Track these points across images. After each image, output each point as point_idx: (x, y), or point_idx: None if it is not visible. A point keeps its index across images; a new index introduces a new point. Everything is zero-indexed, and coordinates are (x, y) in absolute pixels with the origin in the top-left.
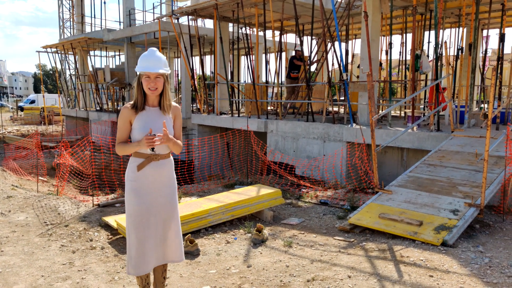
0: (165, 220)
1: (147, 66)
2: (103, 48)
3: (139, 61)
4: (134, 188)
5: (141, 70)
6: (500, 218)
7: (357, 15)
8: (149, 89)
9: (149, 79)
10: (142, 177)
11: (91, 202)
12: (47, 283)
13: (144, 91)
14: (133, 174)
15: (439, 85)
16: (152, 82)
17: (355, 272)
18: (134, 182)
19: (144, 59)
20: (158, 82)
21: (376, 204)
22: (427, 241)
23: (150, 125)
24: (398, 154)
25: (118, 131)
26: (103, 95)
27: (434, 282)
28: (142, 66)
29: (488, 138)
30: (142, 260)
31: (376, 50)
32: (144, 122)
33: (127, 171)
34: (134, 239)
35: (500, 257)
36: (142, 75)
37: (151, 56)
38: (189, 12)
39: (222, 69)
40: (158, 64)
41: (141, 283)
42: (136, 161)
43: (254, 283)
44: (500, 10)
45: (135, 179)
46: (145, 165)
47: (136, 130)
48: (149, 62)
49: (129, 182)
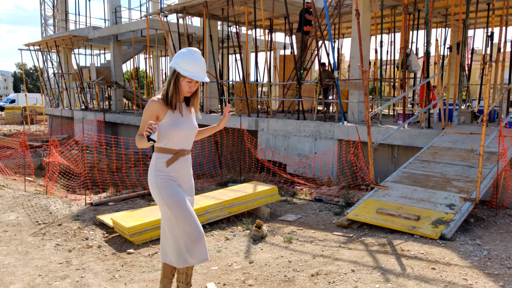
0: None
1: (194, 72)
2: (88, 46)
3: (182, 63)
4: (168, 181)
5: (187, 75)
6: (493, 212)
7: (346, 14)
8: (188, 92)
9: (191, 83)
10: (172, 172)
11: (83, 201)
12: (45, 282)
13: (178, 89)
14: (164, 169)
15: (430, 83)
16: (193, 86)
17: (358, 266)
18: (166, 176)
19: (189, 62)
20: (197, 85)
21: (373, 200)
22: (426, 235)
23: (179, 121)
24: (388, 151)
25: (142, 122)
26: (88, 93)
27: (437, 275)
28: (188, 71)
29: (483, 133)
30: (200, 246)
31: (367, 49)
32: (175, 118)
33: (154, 169)
34: (182, 227)
35: (498, 249)
36: (182, 75)
37: (197, 61)
38: (178, 9)
39: (211, 68)
40: (203, 71)
41: (185, 279)
42: (165, 157)
43: (258, 278)
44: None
45: (167, 173)
46: (174, 161)
47: (166, 126)
48: (195, 68)
49: (160, 178)
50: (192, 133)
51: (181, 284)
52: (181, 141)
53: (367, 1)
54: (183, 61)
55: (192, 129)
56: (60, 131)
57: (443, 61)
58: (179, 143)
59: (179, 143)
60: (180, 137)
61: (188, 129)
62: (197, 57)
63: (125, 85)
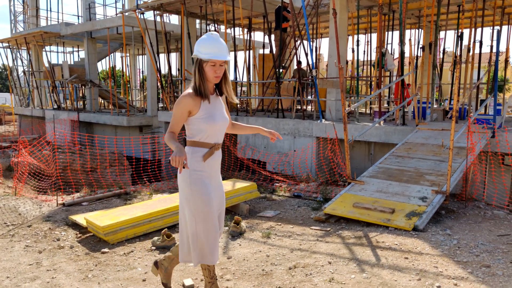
0: (219, 208)
1: (214, 53)
2: (60, 44)
3: (201, 47)
4: (201, 178)
5: (207, 58)
6: (463, 204)
7: (324, 14)
8: (214, 77)
9: (215, 67)
10: (207, 166)
11: (55, 202)
12: (13, 284)
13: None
14: (199, 164)
15: (404, 81)
16: (218, 69)
17: (335, 258)
18: (201, 172)
19: (208, 45)
20: (222, 69)
21: (349, 194)
22: (400, 227)
23: (214, 113)
24: (365, 148)
25: (174, 118)
26: (61, 92)
27: (410, 263)
28: (208, 53)
29: (453, 128)
30: (214, 249)
31: (344, 48)
32: (209, 111)
33: (191, 161)
34: (206, 228)
35: (467, 238)
36: (205, 62)
37: (216, 42)
38: (155, 6)
39: (190, 66)
40: (224, 50)
41: (208, 274)
42: (200, 151)
43: (236, 273)
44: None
45: (202, 170)
46: (210, 155)
47: (201, 120)
48: (215, 49)
49: (194, 173)
50: (225, 124)
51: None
52: (216, 134)
53: (344, 1)
54: (201, 46)
55: (224, 121)
56: (30, 131)
57: (417, 61)
58: (214, 137)
59: (214, 136)
60: (215, 130)
61: (222, 122)
62: (214, 38)
63: (101, 83)
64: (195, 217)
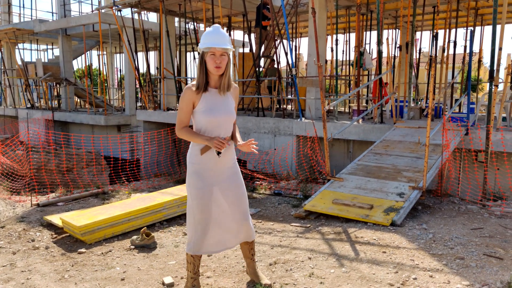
0: (232, 202)
1: (212, 41)
2: (34, 41)
3: (203, 38)
4: (197, 171)
5: (206, 46)
6: (438, 200)
7: (303, 13)
8: (214, 68)
9: (214, 57)
10: (206, 159)
11: (29, 202)
12: None
13: (206, 71)
14: (196, 158)
15: (382, 80)
16: (218, 59)
17: (315, 254)
18: (197, 165)
19: (208, 35)
20: (223, 60)
21: (329, 191)
22: (378, 222)
23: (214, 107)
24: (344, 146)
25: (180, 112)
26: (34, 91)
27: (388, 257)
28: (206, 42)
29: (428, 125)
30: (202, 242)
31: (323, 47)
32: (208, 104)
33: (190, 154)
34: (197, 220)
35: (442, 232)
36: (206, 53)
37: (216, 32)
38: (133, 4)
39: (169, 64)
40: (224, 39)
41: (192, 269)
42: (199, 145)
43: (216, 270)
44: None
45: (199, 162)
46: (208, 149)
47: (201, 113)
48: (214, 38)
49: (191, 165)
50: (228, 120)
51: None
52: (217, 129)
53: (323, 0)
54: (203, 37)
55: (227, 116)
56: (3, 131)
57: (394, 60)
58: (213, 131)
59: (214, 131)
60: (215, 125)
61: (223, 116)
62: (215, 29)
63: (76, 82)
64: (191, 208)
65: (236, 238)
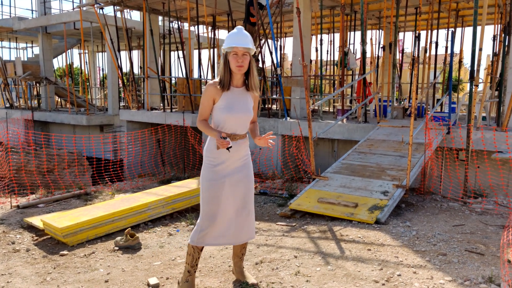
0: (240, 197)
1: (235, 41)
2: (13, 39)
3: (226, 39)
4: (211, 163)
5: (229, 46)
6: (421, 198)
7: (288, 13)
8: (236, 67)
9: (237, 56)
10: (220, 153)
11: (8, 204)
12: None
13: (230, 70)
14: (212, 151)
15: (366, 80)
16: (240, 58)
17: (301, 252)
18: (212, 158)
19: (231, 36)
20: (245, 60)
21: (314, 190)
22: (363, 220)
23: (233, 105)
24: (329, 145)
25: (201, 106)
26: (13, 90)
27: (373, 255)
28: (229, 42)
29: (411, 124)
30: (205, 233)
31: (308, 47)
32: (228, 102)
33: (207, 147)
34: (205, 211)
35: (425, 229)
36: (229, 52)
37: (239, 33)
38: (115, 1)
39: (152, 63)
40: (246, 40)
41: (191, 261)
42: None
43: (202, 270)
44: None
45: (214, 156)
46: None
47: (220, 110)
48: (236, 38)
49: (206, 158)
50: (245, 118)
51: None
52: (234, 126)
53: (307, 0)
54: (227, 39)
55: (244, 115)
56: None
57: (378, 60)
58: (231, 128)
59: (231, 127)
60: (232, 122)
61: (241, 114)
62: (238, 30)
63: (57, 81)
64: (202, 200)
65: (238, 236)
